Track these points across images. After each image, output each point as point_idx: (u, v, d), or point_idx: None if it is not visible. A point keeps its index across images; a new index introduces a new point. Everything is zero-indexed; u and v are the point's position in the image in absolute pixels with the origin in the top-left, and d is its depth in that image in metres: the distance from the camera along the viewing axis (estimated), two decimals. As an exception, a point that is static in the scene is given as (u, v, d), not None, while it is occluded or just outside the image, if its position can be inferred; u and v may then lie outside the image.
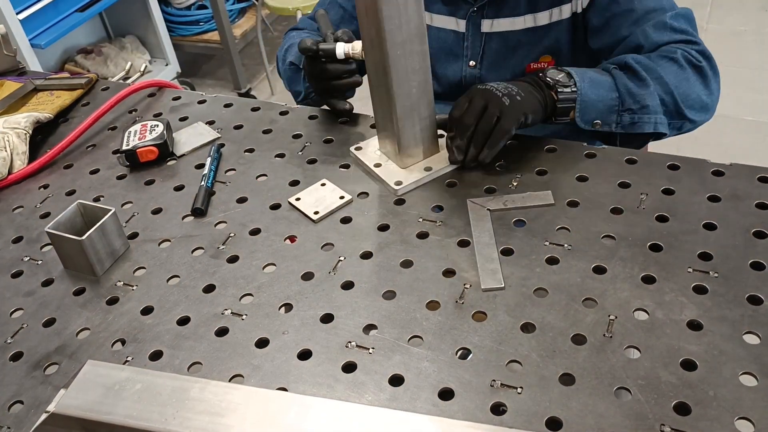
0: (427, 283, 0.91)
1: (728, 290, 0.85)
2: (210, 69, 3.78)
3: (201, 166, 1.18)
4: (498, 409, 0.76)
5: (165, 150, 1.21)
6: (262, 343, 0.87)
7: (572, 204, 1.00)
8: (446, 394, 0.78)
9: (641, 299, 0.85)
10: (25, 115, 1.31)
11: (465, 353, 0.82)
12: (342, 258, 0.97)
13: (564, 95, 1.10)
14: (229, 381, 0.83)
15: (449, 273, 0.93)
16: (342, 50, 1.11)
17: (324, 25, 1.19)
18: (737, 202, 0.97)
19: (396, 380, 0.80)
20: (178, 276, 0.98)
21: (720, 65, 1.19)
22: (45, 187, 1.21)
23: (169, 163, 1.22)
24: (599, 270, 0.90)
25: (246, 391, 0.73)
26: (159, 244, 1.05)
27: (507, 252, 0.94)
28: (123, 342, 0.90)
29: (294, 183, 1.12)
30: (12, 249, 1.09)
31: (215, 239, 1.04)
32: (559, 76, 1.11)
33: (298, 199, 1.08)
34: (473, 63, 1.32)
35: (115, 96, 1.33)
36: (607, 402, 0.75)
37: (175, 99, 1.39)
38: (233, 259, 1.00)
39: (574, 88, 1.10)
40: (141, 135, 1.21)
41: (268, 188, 1.12)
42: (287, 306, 0.92)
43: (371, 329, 0.87)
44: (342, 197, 1.07)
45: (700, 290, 0.85)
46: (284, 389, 0.81)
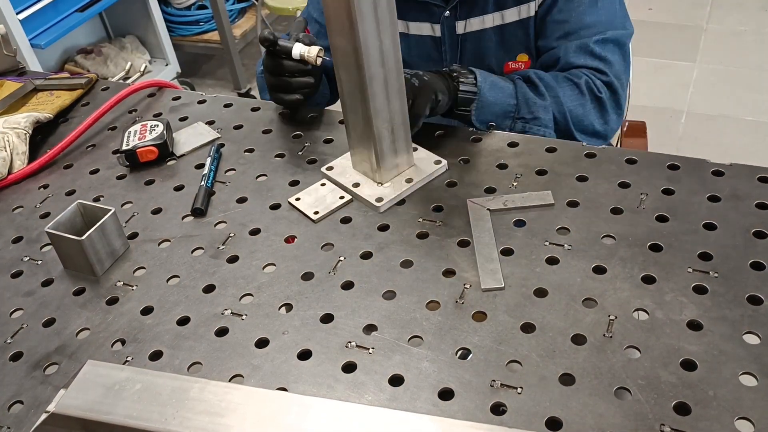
0: (427, 283, 0.91)
1: (728, 290, 0.85)
2: (210, 69, 3.78)
3: (201, 166, 1.18)
4: (498, 409, 0.76)
5: (165, 150, 1.21)
6: (262, 343, 0.87)
7: (572, 204, 1.00)
8: (446, 394, 0.78)
9: (641, 299, 0.85)
10: (25, 115, 1.31)
11: (465, 353, 0.82)
12: (342, 258, 0.97)
13: (465, 86, 1.14)
14: (229, 381, 0.83)
15: (449, 273, 0.93)
16: (298, 51, 1.13)
17: (295, 29, 1.21)
18: (737, 202, 0.97)
19: (396, 380, 0.80)
20: (178, 276, 0.98)
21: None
22: (45, 187, 1.21)
23: (169, 163, 1.22)
24: (599, 270, 0.90)
25: (246, 391, 0.73)
26: (159, 244, 1.05)
27: (507, 252, 0.94)
28: (123, 342, 0.90)
29: (294, 183, 1.12)
30: (12, 249, 1.09)
31: (215, 239, 1.04)
32: (463, 71, 1.16)
33: (298, 199, 1.08)
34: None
35: (115, 96, 1.33)
36: (607, 402, 0.75)
37: (175, 99, 1.39)
38: (233, 259, 1.00)
39: (475, 84, 1.14)
40: (141, 135, 1.21)
41: (268, 188, 1.12)
42: (287, 306, 0.92)
43: (371, 329, 0.87)
44: (342, 197, 1.07)
45: (700, 290, 0.85)
46: (284, 389, 0.81)
